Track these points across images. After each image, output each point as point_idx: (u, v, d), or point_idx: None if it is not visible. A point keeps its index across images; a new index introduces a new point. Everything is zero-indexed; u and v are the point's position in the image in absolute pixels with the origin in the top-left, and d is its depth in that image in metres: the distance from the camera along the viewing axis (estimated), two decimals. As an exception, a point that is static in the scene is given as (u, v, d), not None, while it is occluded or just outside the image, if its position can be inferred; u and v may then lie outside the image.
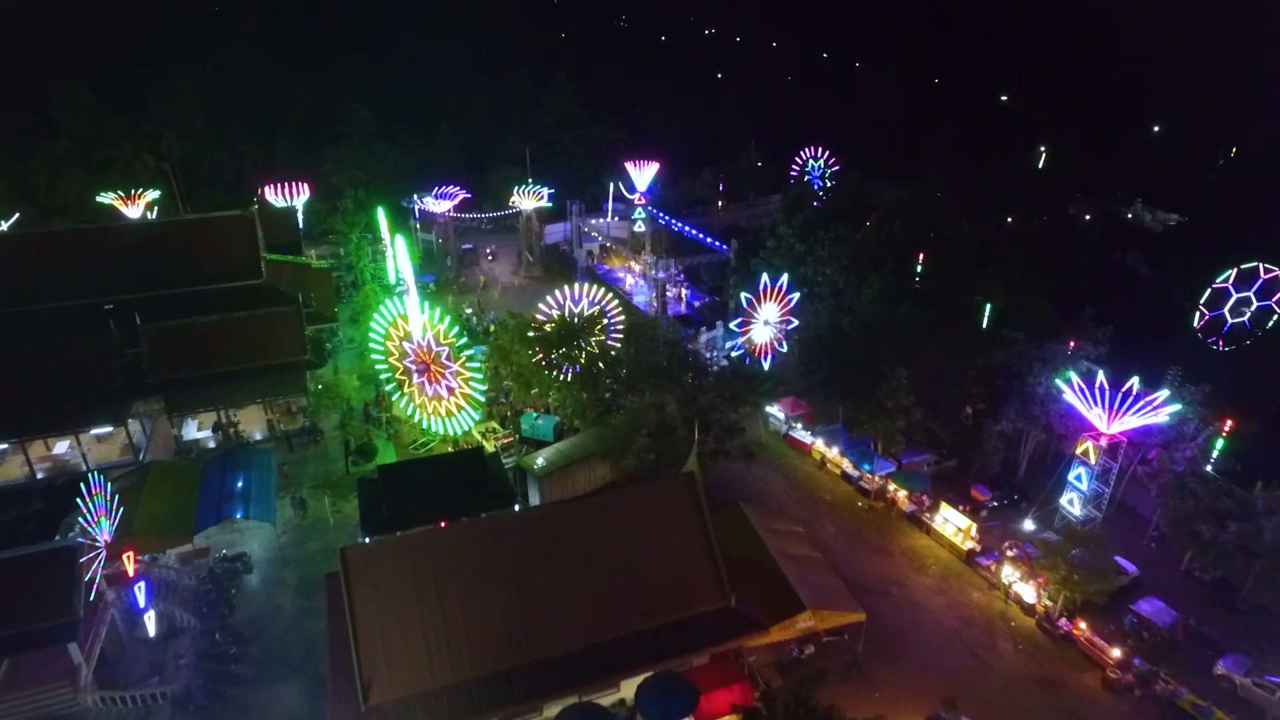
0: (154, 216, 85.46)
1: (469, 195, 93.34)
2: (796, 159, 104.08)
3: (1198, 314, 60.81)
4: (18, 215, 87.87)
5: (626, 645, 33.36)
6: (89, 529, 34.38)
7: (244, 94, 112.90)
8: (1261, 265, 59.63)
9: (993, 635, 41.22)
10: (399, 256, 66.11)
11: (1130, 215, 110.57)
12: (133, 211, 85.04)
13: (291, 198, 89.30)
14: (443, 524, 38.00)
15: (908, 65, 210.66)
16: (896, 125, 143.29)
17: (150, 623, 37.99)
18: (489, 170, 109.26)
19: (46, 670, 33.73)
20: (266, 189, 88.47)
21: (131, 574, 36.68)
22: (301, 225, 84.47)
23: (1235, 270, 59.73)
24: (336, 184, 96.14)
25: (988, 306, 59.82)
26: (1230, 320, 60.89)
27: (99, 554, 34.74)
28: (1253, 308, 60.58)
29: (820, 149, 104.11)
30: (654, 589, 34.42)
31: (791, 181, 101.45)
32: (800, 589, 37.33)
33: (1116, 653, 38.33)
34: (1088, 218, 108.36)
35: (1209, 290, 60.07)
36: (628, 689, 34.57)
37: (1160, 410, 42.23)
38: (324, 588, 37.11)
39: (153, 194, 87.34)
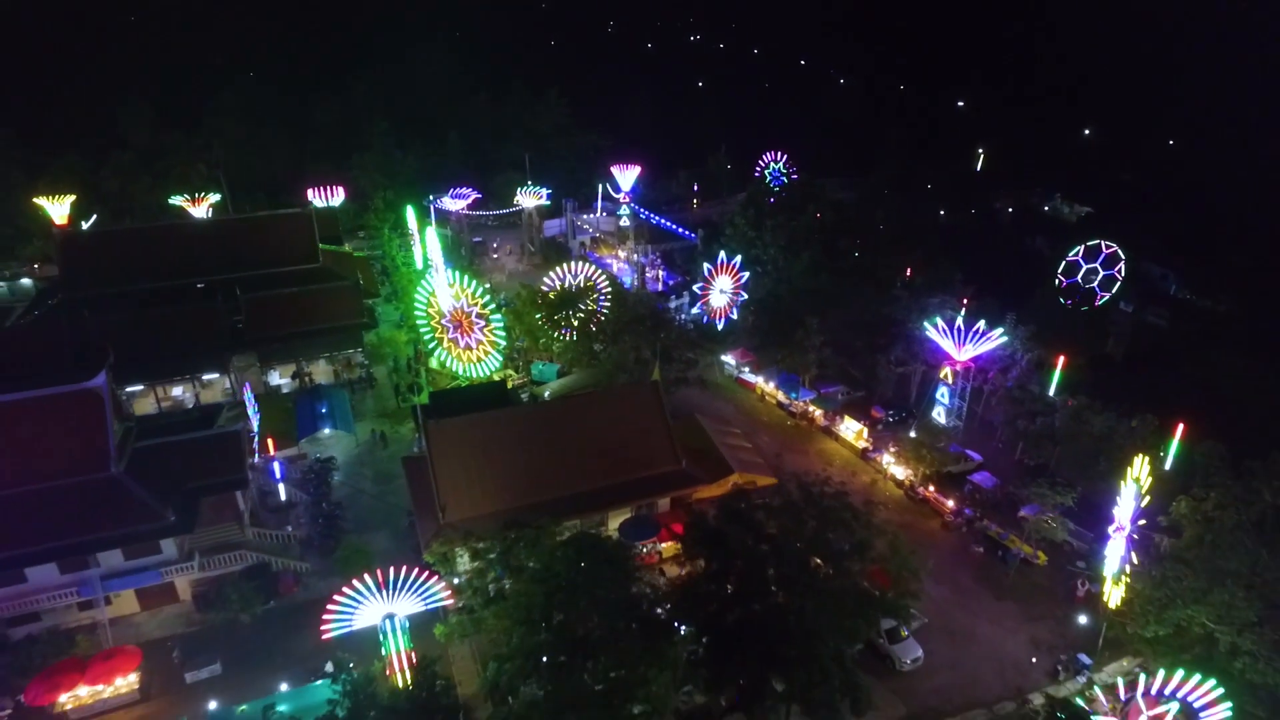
0: (210, 215, 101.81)
1: (479, 195, 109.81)
2: (759, 162, 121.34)
3: (1058, 280, 77.89)
4: (95, 216, 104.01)
5: (611, 490, 50.08)
6: (249, 424, 50.89)
7: (278, 109, 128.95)
8: (1103, 242, 76.87)
9: (874, 499, 58.01)
10: (429, 246, 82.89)
11: (1047, 208, 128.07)
12: (198, 211, 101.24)
13: (329, 199, 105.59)
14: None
15: (874, 72, 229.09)
16: (854, 128, 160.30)
17: (281, 490, 54.43)
18: (493, 173, 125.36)
19: (224, 514, 50.08)
20: (309, 191, 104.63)
21: (273, 451, 53.11)
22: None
23: (1083, 246, 76.93)
24: (364, 187, 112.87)
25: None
26: (1083, 285, 78.05)
27: (253, 437, 51.20)
28: (1099, 276, 77.71)
29: (780, 153, 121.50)
30: (628, 454, 51.14)
31: (756, 177, 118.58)
32: (731, 460, 54.22)
33: (951, 504, 55.35)
34: (1010, 210, 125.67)
35: (1064, 262, 77.15)
36: (613, 526, 51.25)
37: (992, 340, 59.31)
38: (403, 466, 53.84)
39: (214, 197, 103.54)
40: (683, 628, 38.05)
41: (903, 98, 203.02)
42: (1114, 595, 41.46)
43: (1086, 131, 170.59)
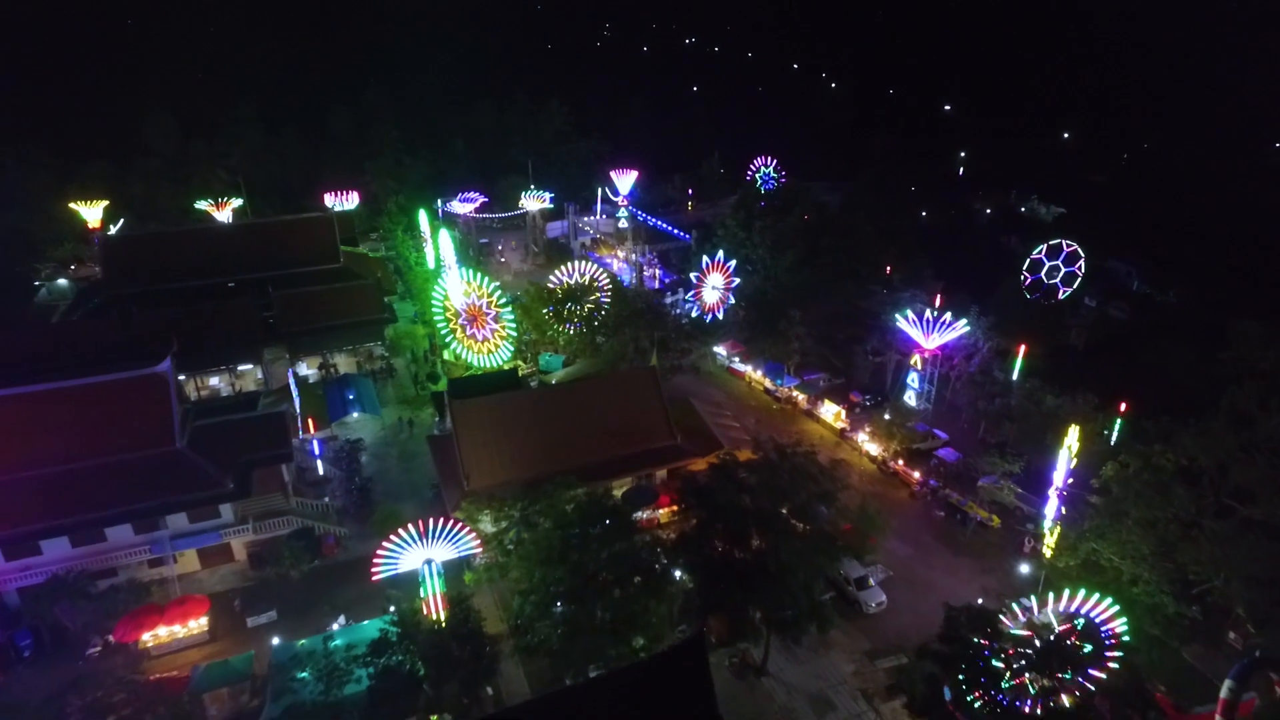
0: (233, 219, 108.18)
1: (486, 199, 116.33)
2: (750, 166, 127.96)
3: (1023, 276, 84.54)
4: (122, 220, 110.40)
5: (614, 462, 56.54)
6: (293, 406, 57.34)
7: (294, 118, 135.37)
8: (1064, 241, 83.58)
9: (849, 473, 64.50)
10: (442, 247, 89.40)
11: (1024, 209, 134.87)
12: (222, 215, 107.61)
13: (344, 203, 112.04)
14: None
15: (863, 78, 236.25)
16: (841, 133, 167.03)
17: (320, 466, 60.88)
18: (497, 178, 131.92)
19: (271, 484, 56.48)
20: (325, 196, 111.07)
21: (313, 430, 59.59)
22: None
23: (1045, 245, 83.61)
24: (376, 192, 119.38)
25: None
26: (1045, 281, 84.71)
27: (295, 418, 57.64)
28: (1060, 274, 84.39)
29: (770, 158, 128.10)
30: (629, 431, 57.65)
31: (748, 181, 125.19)
32: (721, 438, 60.78)
33: (918, 476, 61.99)
34: (988, 211, 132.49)
35: (1028, 259, 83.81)
36: (616, 495, 57.68)
37: (956, 330, 65.97)
38: (428, 444, 60.39)
39: (236, 201, 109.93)
40: (678, 573, 44.73)
41: (891, 103, 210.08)
42: (1049, 545, 48.09)
43: (1066, 135, 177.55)
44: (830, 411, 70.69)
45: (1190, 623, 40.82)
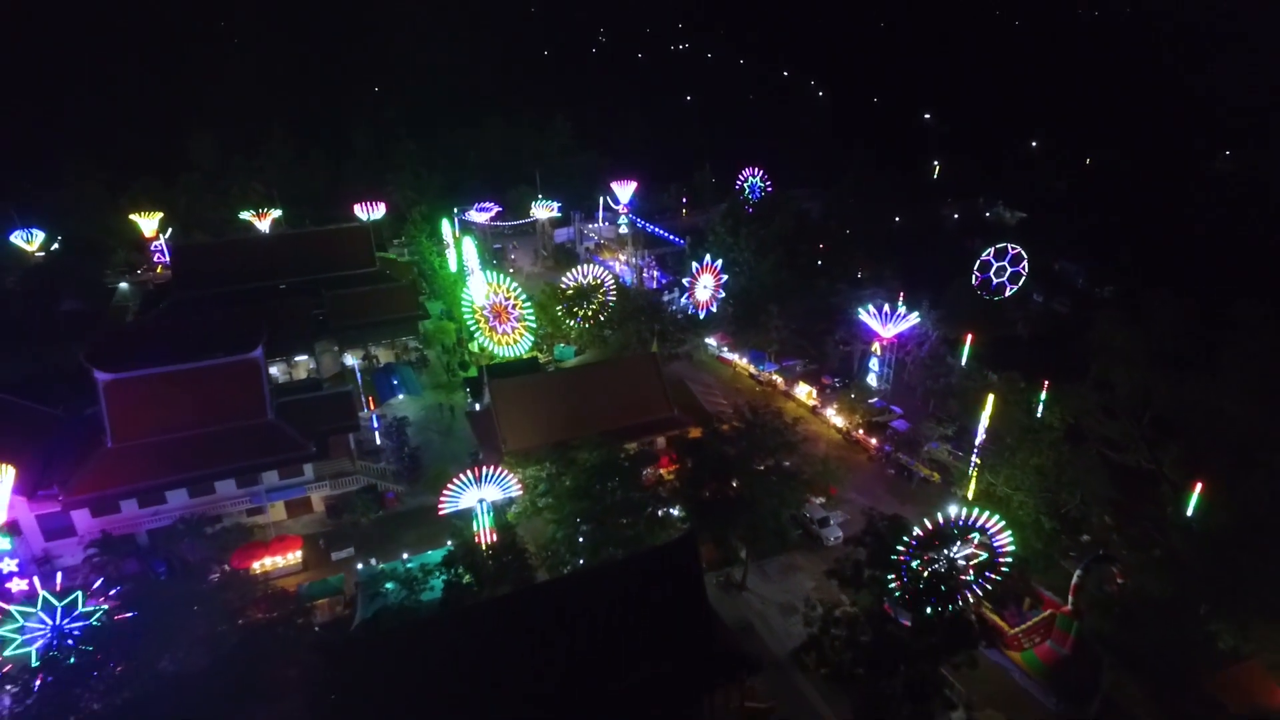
0: (273, 228, 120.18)
1: (500, 209, 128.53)
2: (739, 176, 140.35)
3: (974, 276, 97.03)
4: (170, 230, 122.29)
5: (623, 430, 68.71)
6: (356, 388, 69.52)
7: (320, 135, 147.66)
8: (1009, 245, 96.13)
9: (819, 442, 77.07)
10: (465, 254, 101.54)
11: (989, 214, 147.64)
12: (263, 225, 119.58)
13: (371, 213, 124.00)
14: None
15: (848, 84, 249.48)
16: (823, 143, 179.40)
17: (377, 437, 73.08)
18: (507, 189, 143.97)
19: (339, 450, 68.65)
20: (355, 207, 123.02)
21: (372, 407, 71.83)
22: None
23: (993, 248, 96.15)
24: (398, 202, 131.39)
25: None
26: (994, 280, 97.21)
27: (360, 396, 69.84)
28: (1006, 274, 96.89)
29: (757, 169, 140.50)
30: (633, 404, 69.94)
31: (736, 190, 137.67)
32: (711, 412, 73.10)
33: (875, 443, 74.48)
34: (956, 216, 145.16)
35: (978, 260, 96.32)
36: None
37: (907, 321, 78.51)
38: (467, 418, 72.70)
39: (276, 213, 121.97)
40: (675, 511, 57.11)
41: (872, 110, 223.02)
42: (969, 488, 60.69)
43: (1034, 143, 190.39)
44: (803, 391, 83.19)
45: (1070, 541, 53.37)
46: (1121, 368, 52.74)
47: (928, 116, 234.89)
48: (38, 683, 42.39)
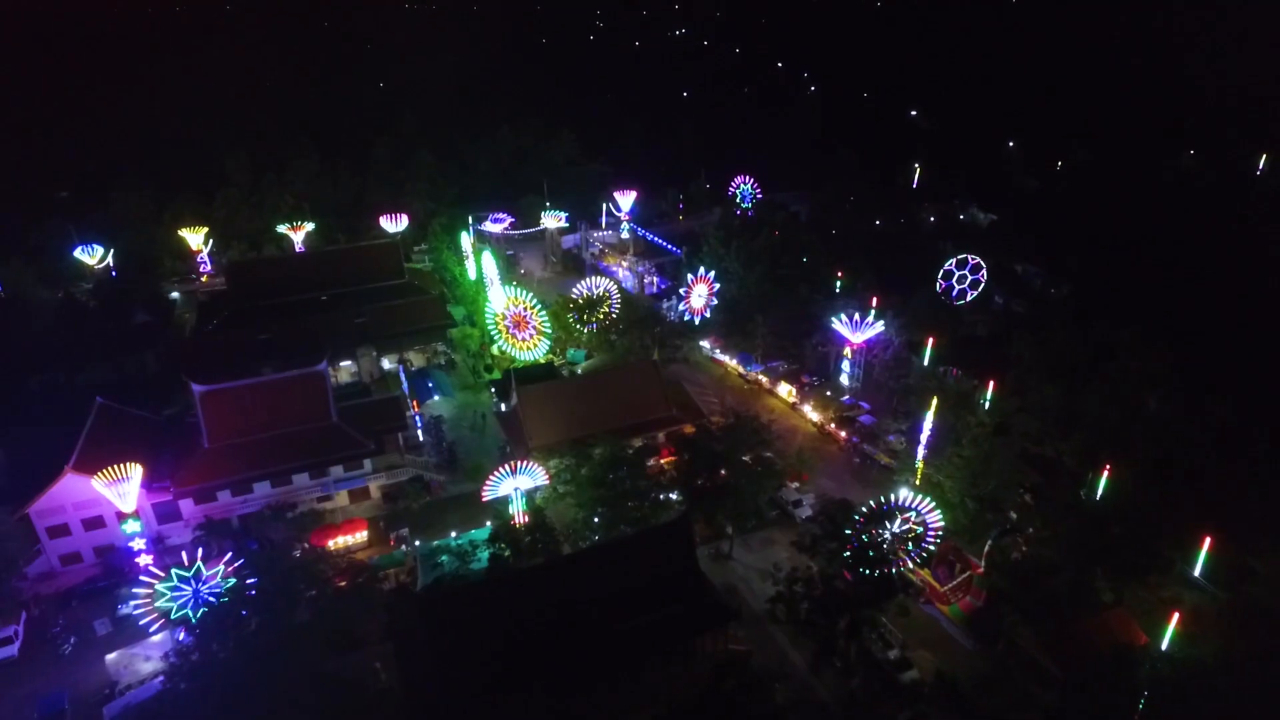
0: (305, 239, 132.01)
1: (513, 219, 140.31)
2: (731, 184, 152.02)
3: (938, 284, 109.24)
4: (210, 242, 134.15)
5: (628, 427, 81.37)
6: (404, 393, 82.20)
7: (343, 148, 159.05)
8: (969, 255, 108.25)
9: (797, 434, 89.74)
10: (485, 265, 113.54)
11: (963, 216, 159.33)
12: (297, 237, 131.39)
13: (395, 225, 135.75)
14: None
15: (839, 81, 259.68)
16: (810, 147, 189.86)
17: (420, 434, 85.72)
18: (517, 198, 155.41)
19: (390, 446, 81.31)
20: (380, 219, 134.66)
21: (415, 409, 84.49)
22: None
23: (954, 259, 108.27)
24: (418, 211, 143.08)
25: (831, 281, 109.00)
26: (956, 286, 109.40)
27: (408, 400, 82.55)
28: (967, 281, 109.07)
29: (748, 176, 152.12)
30: (637, 405, 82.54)
31: (729, 196, 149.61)
32: (703, 410, 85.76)
33: (844, 435, 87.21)
34: (932, 219, 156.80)
35: (942, 269, 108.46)
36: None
37: (872, 328, 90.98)
38: (495, 417, 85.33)
39: (309, 225, 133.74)
40: (674, 495, 69.92)
41: (859, 108, 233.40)
42: (917, 475, 73.57)
43: (1011, 144, 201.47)
44: (785, 390, 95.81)
45: (994, 518, 66.25)
46: (1030, 377, 65.17)
47: (914, 113, 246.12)
48: (182, 634, 55.60)
